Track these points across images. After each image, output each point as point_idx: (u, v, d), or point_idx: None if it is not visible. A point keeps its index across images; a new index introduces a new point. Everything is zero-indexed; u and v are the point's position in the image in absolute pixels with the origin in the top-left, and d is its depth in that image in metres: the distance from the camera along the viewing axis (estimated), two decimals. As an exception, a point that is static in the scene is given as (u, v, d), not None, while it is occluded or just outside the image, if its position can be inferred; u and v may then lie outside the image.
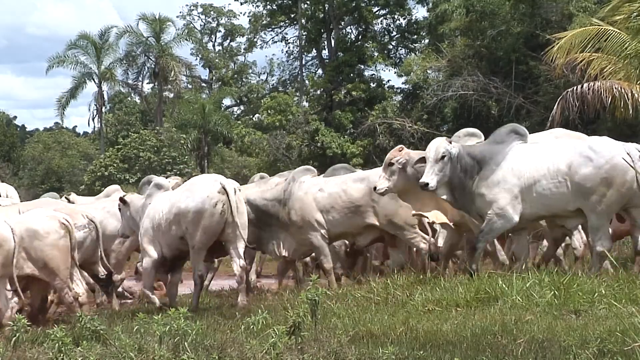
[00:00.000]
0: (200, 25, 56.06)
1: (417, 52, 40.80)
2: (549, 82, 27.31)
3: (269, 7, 44.59)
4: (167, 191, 10.57)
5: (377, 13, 41.93)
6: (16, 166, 50.82)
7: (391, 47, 42.91)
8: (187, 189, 10.13)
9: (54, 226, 9.31)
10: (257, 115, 49.38)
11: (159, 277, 12.65)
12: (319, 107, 40.48)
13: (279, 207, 10.79)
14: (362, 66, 40.59)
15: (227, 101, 52.30)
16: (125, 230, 11.05)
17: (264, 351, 6.10)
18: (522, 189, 9.24)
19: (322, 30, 42.39)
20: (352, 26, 42.37)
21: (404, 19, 42.03)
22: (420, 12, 45.37)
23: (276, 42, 47.23)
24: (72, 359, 6.10)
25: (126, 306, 11.58)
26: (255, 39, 49.90)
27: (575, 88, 17.03)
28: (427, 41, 39.24)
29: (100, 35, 43.79)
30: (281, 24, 45.22)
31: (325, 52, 43.18)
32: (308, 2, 42.25)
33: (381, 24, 42.55)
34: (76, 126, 70.89)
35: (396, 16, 42.01)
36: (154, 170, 36.03)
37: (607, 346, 5.85)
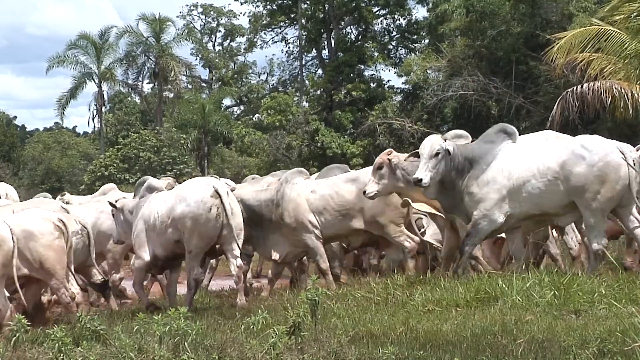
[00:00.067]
0: (200, 25, 56.11)
1: (417, 52, 40.83)
2: (549, 82, 27.33)
3: (269, 7, 44.61)
4: (161, 192, 10.54)
5: (377, 13, 41.96)
6: (16, 166, 50.80)
7: (391, 47, 42.95)
8: (180, 194, 10.02)
9: (48, 227, 9.28)
10: (257, 115, 49.39)
11: (155, 280, 12.76)
12: (319, 107, 40.50)
13: (272, 207, 10.79)
14: (362, 66, 40.62)
15: (227, 101, 52.38)
16: (120, 237, 10.95)
17: (264, 351, 6.11)
18: (511, 189, 9.21)
19: (322, 30, 42.40)
20: (352, 26, 42.41)
21: (404, 19, 42.10)
22: (420, 12, 45.42)
23: (276, 42, 47.35)
24: (72, 359, 6.10)
25: (126, 306, 11.57)
26: (255, 39, 49.95)
27: (575, 88, 17.06)
28: (427, 41, 39.28)
29: (100, 35, 43.82)
30: (281, 24, 45.24)
31: (325, 52, 43.23)
32: (308, 2, 42.26)
33: (381, 24, 42.65)
34: (76, 126, 70.81)
35: (396, 16, 42.05)
36: (154, 170, 36.05)
37: (607, 346, 5.85)
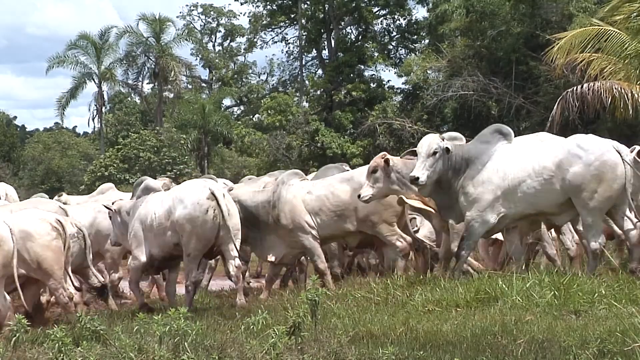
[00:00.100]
0: (200, 26, 56.13)
1: (417, 53, 40.82)
2: (549, 82, 27.34)
3: (269, 7, 44.63)
4: (158, 193, 10.54)
5: (377, 13, 41.97)
6: (16, 166, 50.80)
7: (391, 47, 42.95)
8: (177, 196, 10.02)
9: (45, 228, 9.28)
10: (257, 115, 49.39)
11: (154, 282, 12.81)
12: (319, 107, 40.50)
13: (269, 208, 10.80)
14: (362, 66, 40.63)
15: (227, 101, 52.41)
16: (117, 238, 10.98)
17: (264, 351, 6.10)
18: (506, 189, 9.20)
19: (322, 31, 42.41)
20: (352, 26, 42.41)
21: (404, 19, 42.11)
22: (420, 13, 45.44)
23: (276, 42, 47.36)
24: (72, 359, 6.10)
25: (126, 306, 11.57)
26: (255, 39, 49.97)
27: (575, 88, 17.07)
28: (427, 41, 39.29)
29: (100, 36, 43.83)
30: (281, 24, 45.24)
31: (325, 52, 43.24)
32: (308, 2, 42.27)
33: (381, 24, 42.65)
34: (76, 126, 70.88)
35: (396, 16, 42.06)
36: (154, 171, 36.04)
37: (607, 346, 5.85)
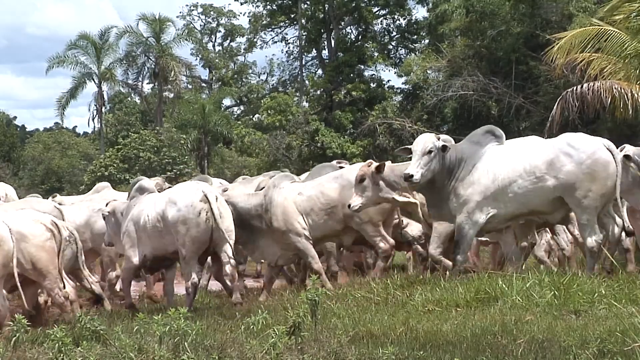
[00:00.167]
0: (200, 26, 56.15)
1: (417, 52, 40.82)
2: (549, 82, 27.32)
3: (269, 7, 44.64)
4: (152, 194, 10.56)
5: (377, 13, 41.97)
6: (16, 166, 50.80)
7: (391, 47, 42.95)
8: (170, 199, 10.07)
9: (40, 228, 9.27)
10: (257, 115, 49.39)
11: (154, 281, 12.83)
12: (319, 107, 40.50)
13: (262, 212, 10.81)
14: (362, 66, 40.63)
15: (227, 101, 52.43)
16: (111, 239, 11.03)
17: (264, 351, 6.10)
18: (496, 190, 9.17)
19: (322, 30, 42.41)
20: (352, 26, 42.42)
21: (404, 19, 42.11)
22: (420, 12, 45.50)
23: (276, 42, 47.38)
24: (72, 359, 6.10)
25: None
26: (255, 39, 49.98)
27: (575, 88, 17.05)
28: (427, 41, 39.28)
29: (100, 36, 43.83)
30: (281, 24, 45.25)
31: (325, 52, 43.25)
32: (308, 2, 42.27)
33: (381, 24, 42.66)
34: (76, 126, 71.00)
35: (396, 16, 42.06)
36: (154, 170, 36.05)
37: (607, 346, 5.85)
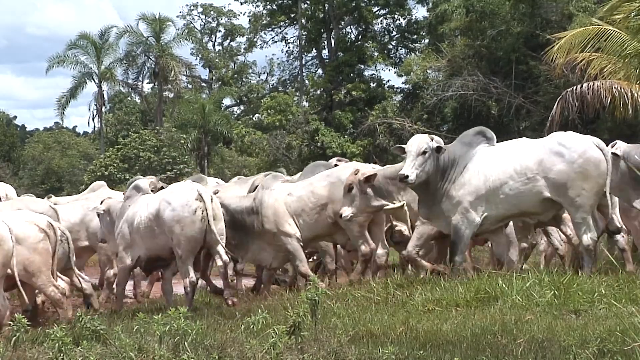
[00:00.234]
0: (200, 25, 56.12)
1: (417, 52, 40.81)
2: (549, 82, 27.31)
3: (269, 7, 44.61)
4: (147, 194, 10.56)
5: (377, 13, 41.95)
6: (16, 166, 50.78)
7: (391, 47, 42.94)
8: (164, 199, 10.09)
9: (33, 230, 9.24)
10: (257, 115, 49.37)
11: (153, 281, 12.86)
12: (319, 107, 40.49)
13: (252, 214, 10.81)
14: (362, 66, 40.62)
15: (227, 101, 52.40)
16: (104, 236, 11.09)
17: (264, 351, 6.11)
18: (487, 191, 9.17)
19: (322, 30, 42.40)
20: (352, 26, 42.40)
21: (404, 19, 42.09)
22: (420, 12, 45.46)
23: (276, 42, 47.35)
24: (72, 359, 6.10)
25: (126, 306, 11.57)
26: (255, 39, 49.96)
27: (575, 88, 17.05)
28: (427, 41, 39.26)
29: (100, 35, 43.82)
30: (281, 24, 45.23)
31: (325, 52, 43.23)
32: (308, 2, 42.26)
33: (381, 24, 42.64)
34: (76, 126, 70.89)
35: (396, 16, 42.04)
36: (154, 170, 36.05)
37: (607, 346, 5.85)
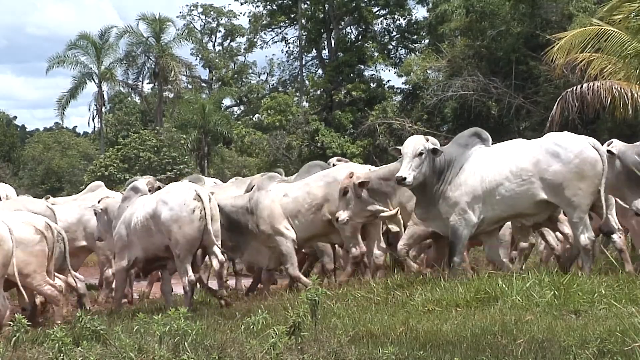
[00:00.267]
0: (200, 26, 56.08)
1: (417, 52, 40.79)
2: (549, 82, 27.31)
3: (269, 7, 44.59)
4: (144, 195, 10.57)
5: (377, 13, 41.93)
6: (16, 166, 50.77)
7: (391, 47, 42.92)
8: (161, 199, 10.11)
9: (29, 232, 9.23)
10: (257, 115, 49.34)
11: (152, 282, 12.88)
12: (319, 107, 40.48)
13: (247, 214, 10.81)
14: (362, 66, 40.59)
15: (227, 101, 52.33)
16: (101, 234, 11.14)
17: (264, 351, 6.11)
18: (484, 192, 9.15)
19: (322, 30, 42.39)
20: (352, 26, 42.38)
21: (404, 19, 42.08)
22: (420, 12, 45.45)
23: (276, 42, 47.30)
24: (72, 359, 6.10)
25: (126, 306, 11.58)
26: (255, 39, 49.93)
27: (575, 88, 17.04)
28: (427, 41, 39.25)
29: (100, 36, 43.78)
30: (281, 24, 45.20)
31: (325, 52, 43.20)
32: (308, 2, 42.25)
33: (381, 24, 42.60)
34: (76, 126, 70.98)
35: (396, 16, 42.03)
36: (154, 170, 36.04)
37: (607, 346, 5.85)
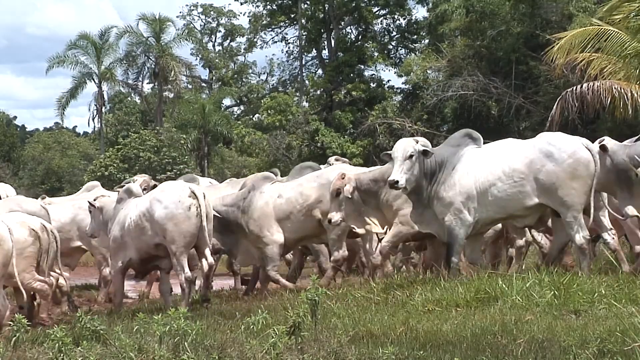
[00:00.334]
0: (200, 25, 56.08)
1: (417, 52, 40.79)
2: (549, 82, 27.32)
3: (269, 7, 44.59)
4: (138, 197, 10.59)
5: (377, 13, 41.93)
6: (16, 166, 50.76)
7: (391, 47, 42.91)
8: (155, 198, 10.12)
9: (23, 233, 9.22)
10: (257, 115, 49.34)
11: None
12: (319, 107, 40.48)
13: (238, 213, 10.79)
14: (362, 66, 40.59)
15: (227, 101, 52.33)
16: (93, 231, 11.18)
17: (264, 351, 6.11)
18: (477, 192, 9.13)
19: (322, 30, 42.38)
20: (352, 26, 42.38)
21: (404, 19, 42.06)
22: (420, 12, 45.39)
23: (276, 42, 47.28)
24: (72, 359, 6.10)
25: (126, 306, 11.58)
26: (255, 39, 49.91)
27: (575, 88, 17.05)
28: (427, 41, 39.25)
29: (100, 35, 43.77)
30: (281, 24, 45.19)
31: (325, 52, 43.19)
32: (308, 2, 42.25)
33: (381, 24, 42.59)
34: (76, 126, 70.80)
35: (396, 16, 42.01)
36: (154, 170, 36.04)
37: (607, 346, 5.85)
